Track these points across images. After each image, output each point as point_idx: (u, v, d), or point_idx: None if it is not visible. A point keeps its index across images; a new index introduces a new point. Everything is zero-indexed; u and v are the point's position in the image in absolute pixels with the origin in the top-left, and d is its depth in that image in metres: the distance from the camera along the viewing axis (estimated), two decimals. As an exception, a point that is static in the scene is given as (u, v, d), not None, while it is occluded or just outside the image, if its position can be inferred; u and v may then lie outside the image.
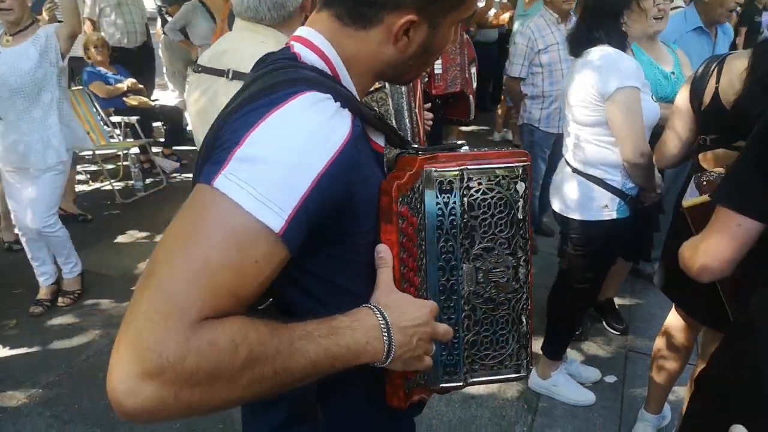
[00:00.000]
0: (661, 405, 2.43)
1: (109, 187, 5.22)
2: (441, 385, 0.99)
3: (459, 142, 0.98)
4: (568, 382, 2.69)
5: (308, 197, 0.70)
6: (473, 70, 3.34)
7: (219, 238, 0.66)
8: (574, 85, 2.32)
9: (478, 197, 0.92)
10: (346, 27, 0.83)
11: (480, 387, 2.76)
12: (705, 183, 1.58)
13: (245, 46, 1.74)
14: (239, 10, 1.78)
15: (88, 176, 5.62)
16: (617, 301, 3.38)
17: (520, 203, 0.94)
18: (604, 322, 3.28)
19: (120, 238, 4.39)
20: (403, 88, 2.24)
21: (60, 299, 3.48)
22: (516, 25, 5.50)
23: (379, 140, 0.91)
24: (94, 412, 2.62)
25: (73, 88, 5.46)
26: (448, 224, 0.92)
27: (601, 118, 2.23)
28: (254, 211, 0.67)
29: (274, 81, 0.77)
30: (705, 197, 1.48)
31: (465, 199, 0.92)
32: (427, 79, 3.09)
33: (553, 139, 3.85)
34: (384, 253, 0.85)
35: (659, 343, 2.33)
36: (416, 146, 0.97)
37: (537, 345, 3.06)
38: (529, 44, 3.71)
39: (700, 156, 1.94)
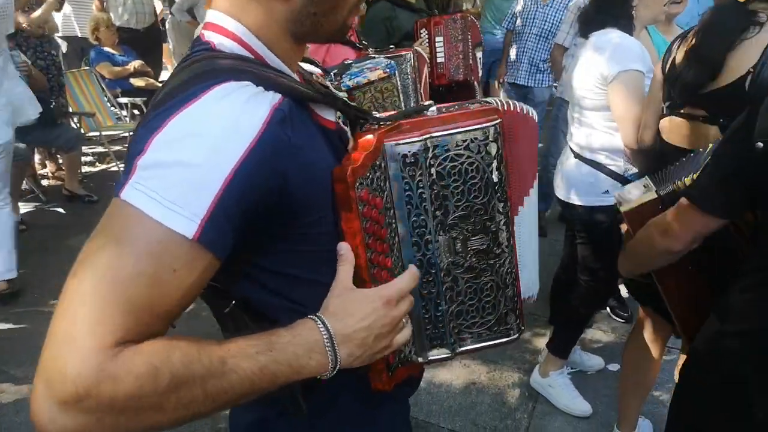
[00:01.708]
0: (634, 422, 2.32)
1: (115, 169, 5.23)
2: (428, 358, 0.96)
3: (426, 102, 0.92)
4: (566, 387, 2.60)
5: (223, 196, 0.66)
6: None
7: (130, 251, 0.62)
8: (578, 68, 2.29)
9: (446, 165, 0.87)
10: None
11: (482, 374, 2.74)
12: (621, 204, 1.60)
13: None
14: None
15: (95, 158, 5.64)
16: (622, 288, 3.33)
17: (494, 164, 0.88)
18: (608, 310, 3.24)
19: (125, 220, 4.40)
20: (408, 68, 2.21)
21: None
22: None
23: (329, 115, 0.86)
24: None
25: (82, 68, 5.46)
26: (417, 198, 0.87)
27: (603, 101, 2.19)
28: (162, 219, 0.63)
29: (185, 78, 0.72)
30: (643, 198, 1.53)
31: (433, 169, 0.86)
32: (430, 68, 3.03)
33: None
34: (344, 251, 0.81)
35: (627, 357, 2.25)
36: (377, 115, 0.92)
37: (541, 338, 3.04)
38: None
39: (660, 123, 1.94)
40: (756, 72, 1.58)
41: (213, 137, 0.67)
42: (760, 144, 1.07)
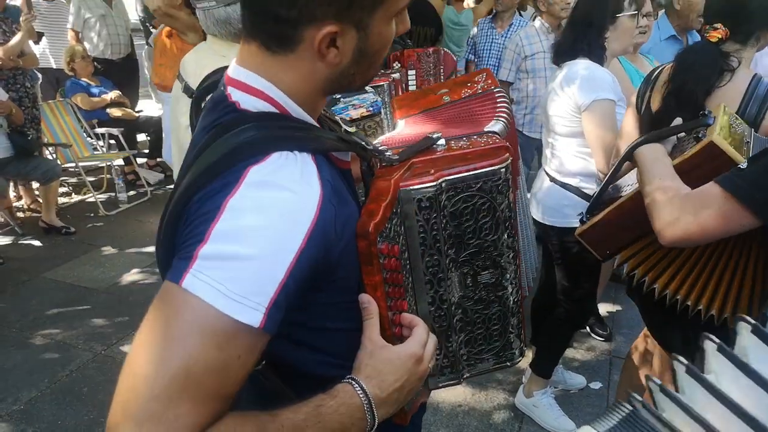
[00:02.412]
0: None
1: (92, 200, 5.18)
2: (438, 385, 1.00)
3: (434, 135, 0.92)
4: (551, 407, 2.65)
5: (287, 283, 0.68)
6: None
7: (197, 344, 0.63)
8: (552, 96, 2.38)
9: (459, 206, 0.88)
10: (276, 55, 0.77)
11: (468, 395, 2.77)
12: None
13: (201, 57, 1.75)
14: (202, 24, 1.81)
15: (71, 188, 5.57)
16: (601, 307, 3.41)
17: (505, 203, 0.90)
18: (588, 329, 3.30)
19: (104, 251, 4.35)
20: (386, 98, 2.25)
21: None
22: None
23: (346, 157, 0.88)
24: (78, 429, 2.59)
25: (57, 99, 5.43)
26: (431, 239, 0.89)
27: (577, 129, 2.28)
28: (230, 312, 0.64)
29: (219, 154, 0.72)
30: (596, 219, 1.61)
31: (446, 210, 0.88)
32: None
33: (536, 144, 3.97)
34: (367, 303, 0.82)
35: (631, 354, 2.29)
36: (389, 153, 0.92)
37: (525, 359, 3.08)
38: (516, 50, 3.93)
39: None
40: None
41: (275, 226, 0.68)
42: None
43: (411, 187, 0.85)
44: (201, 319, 0.64)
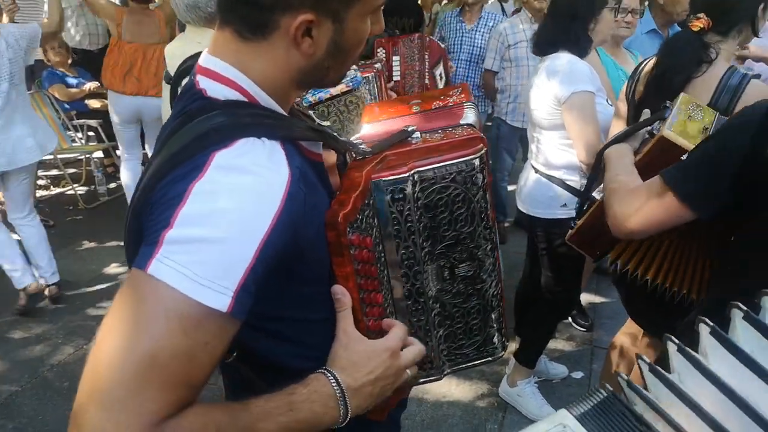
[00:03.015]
0: None
1: (71, 192, 5.11)
2: (419, 381, 0.99)
3: (410, 127, 0.92)
4: (534, 396, 2.68)
5: (254, 266, 0.67)
6: (438, 71, 3.36)
7: (164, 330, 0.62)
8: (534, 90, 2.40)
9: (434, 197, 0.88)
10: (249, 42, 0.76)
11: (452, 386, 2.79)
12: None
13: (180, 45, 1.77)
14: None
15: (49, 181, 5.49)
16: (583, 298, 3.45)
17: (480, 194, 0.90)
18: (570, 319, 3.34)
19: (84, 244, 4.30)
20: (364, 81, 2.25)
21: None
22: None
23: (317, 148, 0.87)
24: (59, 424, 2.56)
25: (32, 90, 5.33)
26: (406, 231, 0.88)
27: (559, 121, 2.30)
28: (197, 296, 0.63)
29: (186, 140, 0.71)
30: (580, 223, 1.67)
31: (420, 202, 0.88)
32: (392, 83, 3.09)
33: (519, 133, 4.04)
34: (340, 295, 0.82)
35: (614, 343, 2.30)
36: (362, 147, 0.92)
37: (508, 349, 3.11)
38: (500, 39, 3.98)
39: None
40: None
41: (241, 209, 0.67)
42: None
43: (383, 179, 0.85)
44: (167, 304, 0.63)
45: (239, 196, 0.68)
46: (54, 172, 5.57)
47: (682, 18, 3.24)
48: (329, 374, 0.78)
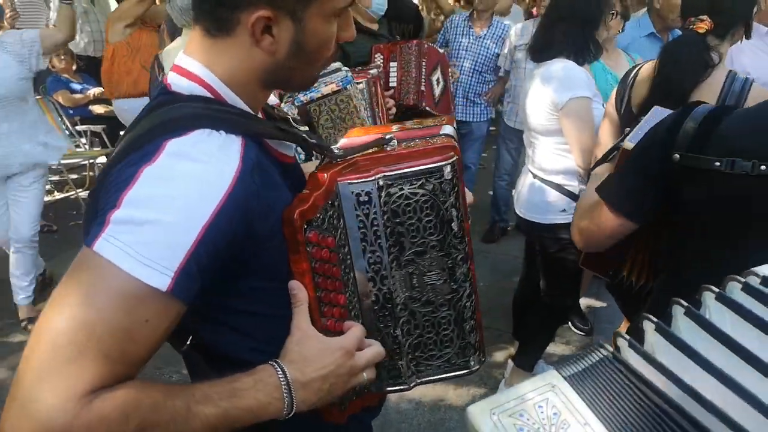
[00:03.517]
0: None
1: (75, 197, 5.14)
2: (386, 389, 0.98)
3: (389, 135, 0.93)
4: None
5: (196, 250, 0.69)
6: (435, 77, 3.37)
7: (105, 304, 0.65)
8: (530, 95, 2.40)
9: (401, 203, 0.88)
10: (215, 39, 0.79)
11: (449, 390, 2.79)
12: None
13: (175, 48, 1.79)
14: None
15: (53, 186, 5.53)
16: (582, 302, 3.44)
17: (450, 201, 0.89)
18: (569, 323, 3.34)
19: (86, 249, 4.32)
20: (355, 82, 2.26)
21: (31, 326, 3.29)
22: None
23: (288, 150, 0.89)
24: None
25: (37, 96, 5.38)
26: (372, 235, 0.88)
27: (556, 126, 2.31)
28: (137, 274, 0.65)
29: (147, 128, 0.74)
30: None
31: (387, 206, 0.87)
32: (390, 92, 3.11)
33: (517, 134, 4.06)
34: (296, 290, 0.83)
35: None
36: (336, 150, 0.93)
37: (506, 353, 3.11)
38: (512, 39, 4.02)
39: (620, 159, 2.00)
40: None
41: (186, 195, 0.70)
42: (677, 156, 1.11)
43: (349, 181, 0.86)
44: (109, 281, 0.65)
45: (185, 182, 0.70)
46: (58, 177, 5.61)
47: (676, 24, 3.25)
48: (277, 366, 0.79)
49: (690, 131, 1.11)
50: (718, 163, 1.05)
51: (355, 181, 0.86)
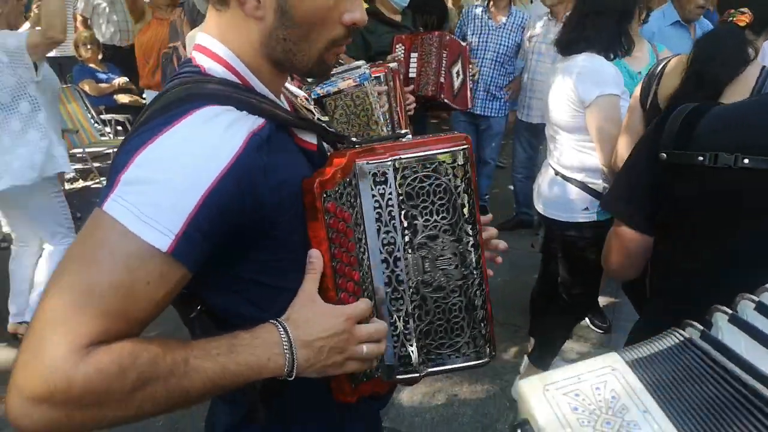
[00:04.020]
0: None
1: (99, 185, 5.22)
2: (396, 377, 0.98)
3: (403, 131, 0.97)
4: None
5: (197, 214, 0.70)
6: (456, 69, 3.34)
7: (108, 261, 0.67)
8: (554, 89, 2.34)
9: (415, 186, 0.91)
10: (220, 13, 0.82)
11: (463, 386, 2.78)
12: None
13: (196, 33, 1.79)
14: None
15: (78, 175, 5.62)
16: (601, 299, 3.39)
17: (462, 187, 0.93)
18: (587, 321, 3.29)
19: (109, 236, 4.39)
20: (373, 78, 2.25)
21: None
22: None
23: (310, 138, 0.92)
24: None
25: (63, 86, 5.47)
26: (387, 215, 0.91)
27: (581, 123, 2.25)
28: (139, 232, 0.67)
29: (172, 99, 0.77)
30: None
31: (402, 188, 0.91)
32: (410, 88, 3.09)
33: (529, 128, 4.09)
34: (314, 258, 0.84)
35: None
36: (354, 140, 0.97)
37: (521, 350, 3.08)
38: (534, 31, 3.95)
39: None
40: None
41: (191, 159, 0.72)
42: (663, 155, 1.10)
43: (367, 161, 0.89)
44: (114, 238, 0.68)
45: (190, 147, 0.72)
46: (82, 165, 5.70)
47: (694, 15, 3.18)
48: (277, 324, 0.80)
49: (673, 129, 1.11)
50: (701, 158, 1.05)
51: (373, 161, 0.90)
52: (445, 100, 3.24)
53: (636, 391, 0.61)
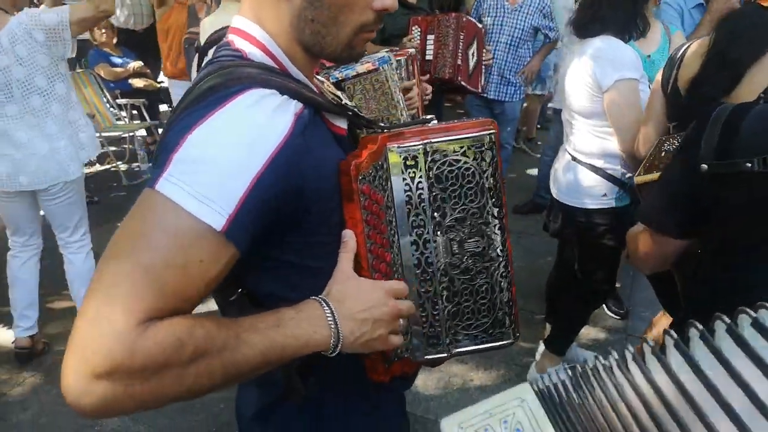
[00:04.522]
0: None
1: (115, 169, 5.26)
2: (425, 357, 1.01)
3: (429, 116, 0.99)
4: None
5: (250, 194, 0.71)
6: (471, 51, 3.29)
7: (162, 240, 0.67)
8: (571, 73, 2.29)
9: (444, 169, 0.94)
10: None
11: (479, 371, 2.78)
12: (662, 154, 1.63)
13: (215, 17, 1.78)
14: None
15: (94, 159, 5.65)
16: (617, 285, 3.37)
17: (489, 171, 0.95)
18: (604, 306, 3.28)
19: (126, 220, 4.43)
20: (394, 63, 2.24)
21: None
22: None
23: (341, 123, 0.92)
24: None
25: (79, 70, 5.49)
26: (417, 198, 0.94)
27: (599, 108, 2.21)
28: (195, 211, 0.68)
29: (219, 80, 0.77)
30: (646, 178, 1.54)
31: (431, 172, 0.93)
32: (426, 77, 3.05)
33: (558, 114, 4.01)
34: (348, 238, 0.85)
35: (648, 334, 2.28)
36: (383, 125, 0.99)
37: (537, 335, 3.07)
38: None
39: None
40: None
41: (244, 140, 0.72)
42: (704, 166, 1.07)
43: (398, 144, 0.92)
44: (168, 217, 0.68)
45: (243, 127, 0.73)
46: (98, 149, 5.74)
47: None
48: (320, 300, 0.81)
49: (713, 136, 1.07)
50: (749, 165, 1.01)
51: (404, 144, 0.92)
52: (462, 83, 3.20)
53: (539, 422, 0.65)
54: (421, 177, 0.93)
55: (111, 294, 0.65)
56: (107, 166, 5.52)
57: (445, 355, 1.02)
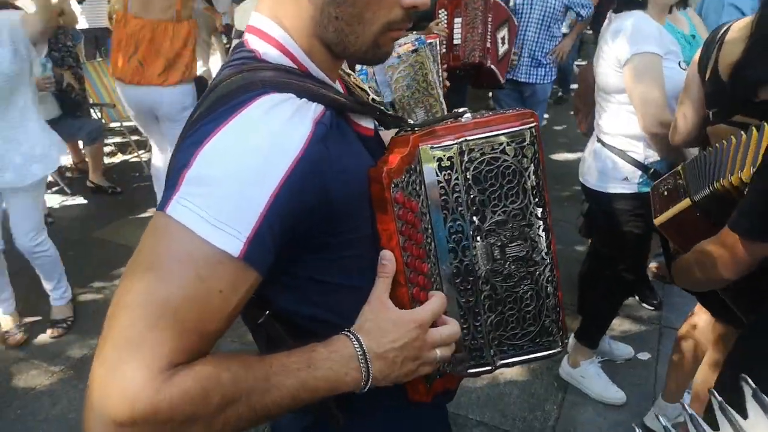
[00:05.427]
0: (680, 395, 2.29)
1: (137, 159, 5.25)
2: (468, 371, 0.95)
3: (461, 109, 0.89)
4: (598, 376, 2.57)
5: (269, 213, 0.65)
6: (501, 35, 3.19)
7: (177, 272, 0.62)
8: (598, 52, 2.25)
9: (482, 169, 0.85)
10: None
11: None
12: (665, 193, 1.55)
13: (247, 11, 1.74)
14: None
15: (117, 148, 5.66)
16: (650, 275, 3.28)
17: (531, 169, 0.87)
18: (637, 297, 3.19)
19: (149, 211, 4.42)
20: (430, 45, 2.18)
21: (49, 330, 3.01)
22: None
23: (367, 123, 0.86)
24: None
25: (99, 59, 5.47)
26: (453, 202, 0.86)
27: (621, 84, 2.14)
28: (209, 237, 0.63)
29: (229, 89, 0.71)
30: (676, 209, 1.46)
31: (468, 173, 0.85)
32: (445, 50, 2.96)
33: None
34: (387, 260, 0.80)
35: (685, 329, 2.22)
36: (412, 122, 0.91)
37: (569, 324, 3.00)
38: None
39: (707, 130, 1.79)
40: None
41: (259, 153, 0.66)
42: None
43: (431, 145, 0.84)
44: (182, 245, 0.63)
45: (255, 141, 0.67)
46: (120, 139, 5.74)
47: None
48: (351, 336, 0.76)
49: None
50: None
51: (437, 144, 0.84)
52: (492, 66, 3.10)
53: None
54: (457, 179, 0.85)
55: (130, 336, 0.60)
56: (129, 156, 5.52)
57: (490, 368, 0.96)
